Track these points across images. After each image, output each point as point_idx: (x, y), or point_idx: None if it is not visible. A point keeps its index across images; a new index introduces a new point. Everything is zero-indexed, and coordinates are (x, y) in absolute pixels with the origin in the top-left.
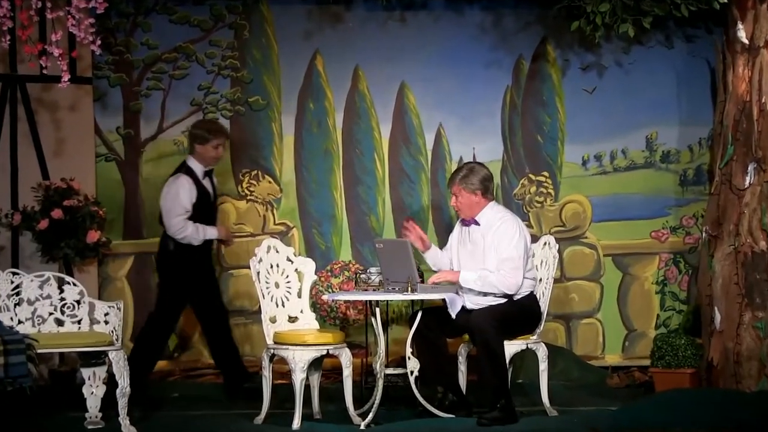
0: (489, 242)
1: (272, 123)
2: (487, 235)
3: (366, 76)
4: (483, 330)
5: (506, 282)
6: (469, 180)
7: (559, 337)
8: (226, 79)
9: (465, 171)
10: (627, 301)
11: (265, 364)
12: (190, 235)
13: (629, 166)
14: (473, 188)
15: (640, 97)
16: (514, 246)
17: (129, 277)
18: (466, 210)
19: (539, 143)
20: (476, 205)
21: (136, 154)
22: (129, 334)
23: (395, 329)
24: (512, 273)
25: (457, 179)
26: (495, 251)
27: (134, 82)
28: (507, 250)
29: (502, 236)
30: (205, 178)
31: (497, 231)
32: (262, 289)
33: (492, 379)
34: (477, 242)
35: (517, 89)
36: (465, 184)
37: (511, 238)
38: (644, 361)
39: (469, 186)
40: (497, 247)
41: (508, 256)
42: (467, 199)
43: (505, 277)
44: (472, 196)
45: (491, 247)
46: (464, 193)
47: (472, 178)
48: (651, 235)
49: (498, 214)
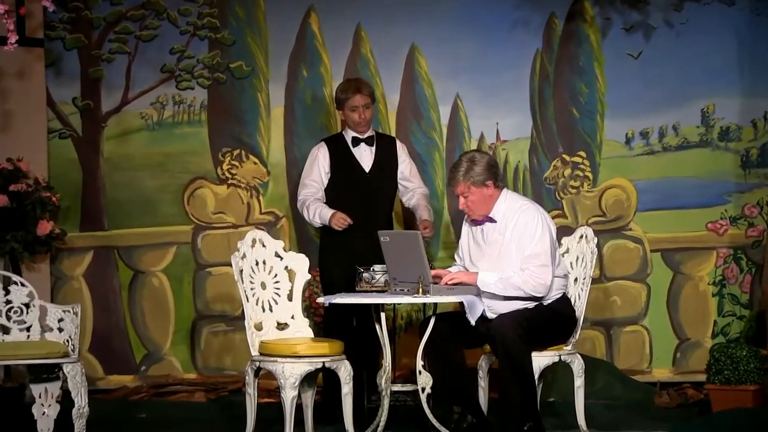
0: (509, 240)
1: (258, 93)
2: (506, 231)
3: (369, 38)
4: (507, 339)
5: (533, 283)
6: (473, 172)
7: (598, 347)
8: (204, 41)
9: (465, 164)
10: (678, 305)
11: (249, 379)
12: (307, 215)
13: (681, 144)
14: (482, 180)
15: (695, 64)
16: (539, 239)
17: (87, 275)
18: (480, 209)
19: (575, 118)
20: (490, 199)
21: (96, 129)
22: (87, 343)
23: (404, 338)
24: (540, 271)
25: (460, 176)
26: (517, 249)
27: (94, 44)
28: (531, 244)
29: (522, 230)
30: (360, 145)
31: (517, 225)
32: (245, 290)
33: (518, 397)
34: (495, 242)
35: (548, 54)
36: (471, 178)
37: (534, 230)
38: (699, 376)
39: (477, 179)
40: (519, 243)
41: (532, 252)
42: (479, 196)
43: (531, 276)
44: (483, 189)
45: (512, 245)
46: (474, 189)
47: (476, 168)
48: (707, 227)
49: (515, 204)
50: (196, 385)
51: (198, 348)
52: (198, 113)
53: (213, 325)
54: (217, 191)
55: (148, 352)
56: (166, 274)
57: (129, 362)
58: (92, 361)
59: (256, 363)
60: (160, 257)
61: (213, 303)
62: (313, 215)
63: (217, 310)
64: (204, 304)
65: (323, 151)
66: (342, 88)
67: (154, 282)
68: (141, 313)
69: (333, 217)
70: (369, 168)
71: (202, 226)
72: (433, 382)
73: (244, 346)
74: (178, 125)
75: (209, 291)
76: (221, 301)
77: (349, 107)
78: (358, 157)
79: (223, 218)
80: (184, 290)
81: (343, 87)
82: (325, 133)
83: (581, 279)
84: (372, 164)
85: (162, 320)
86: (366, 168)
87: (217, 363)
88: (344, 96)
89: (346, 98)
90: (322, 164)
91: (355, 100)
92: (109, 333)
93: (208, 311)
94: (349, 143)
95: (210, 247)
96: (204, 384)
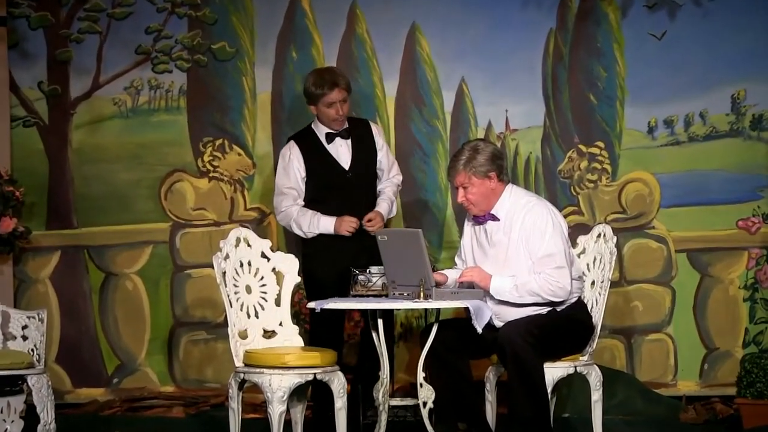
0: (516, 241)
1: (243, 77)
2: (511, 231)
3: (366, 17)
4: (517, 348)
5: (551, 287)
6: (476, 162)
7: (618, 357)
8: (183, 20)
9: (467, 153)
10: (706, 311)
11: (232, 392)
12: (297, 228)
13: (709, 134)
14: (485, 171)
15: (724, 45)
16: (550, 238)
17: (54, 278)
18: (481, 203)
19: (592, 105)
20: (492, 193)
21: (64, 117)
22: (54, 353)
23: (403, 347)
24: (557, 274)
25: (461, 165)
26: (526, 251)
27: (62, 23)
28: (542, 245)
29: (531, 229)
30: (335, 141)
31: (524, 224)
32: (228, 294)
33: (529, 412)
34: (500, 243)
35: (563, 34)
36: (473, 169)
37: (543, 229)
38: (728, 390)
39: (479, 170)
40: (528, 243)
41: (545, 252)
42: (481, 188)
43: (547, 280)
44: (486, 182)
45: (519, 246)
46: (475, 180)
47: (479, 158)
48: (738, 225)
49: (520, 201)
50: (174, 399)
51: (176, 358)
52: (176, 99)
53: (193, 332)
54: (198, 185)
55: (121, 362)
56: (141, 276)
57: (100, 374)
58: (59, 372)
59: (241, 375)
60: (135, 258)
61: (193, 308)
62: (308, 227)
63: (197, 317)
64: (183, 309)
65: (295, 152)
66: (315, 81)
67: (127, 285)
68: (113, 320)
69: (339, 225)
70: (348, 165)
71: (180, 223)
72: (436, 395)
73: (227, 356)
74: (155, 112)
75: (189, 295)
76: (202, 307)
77: (324, 103)
78: (334, 154)
79: (204, 215)
80: (160, 294)
81: (316, 81)
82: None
83: (599, 282)
84: (351, 161)
85: (136, 327)
86: (345, 165)
87: (197, 375)
88: (319, 91)
89: (321, 94)
90: (297, 167)
91: (331, 96)
92: (79, 341)
93: (187, 318)
94: (323, 140)
95: (190, 247)
96: (183, 398)
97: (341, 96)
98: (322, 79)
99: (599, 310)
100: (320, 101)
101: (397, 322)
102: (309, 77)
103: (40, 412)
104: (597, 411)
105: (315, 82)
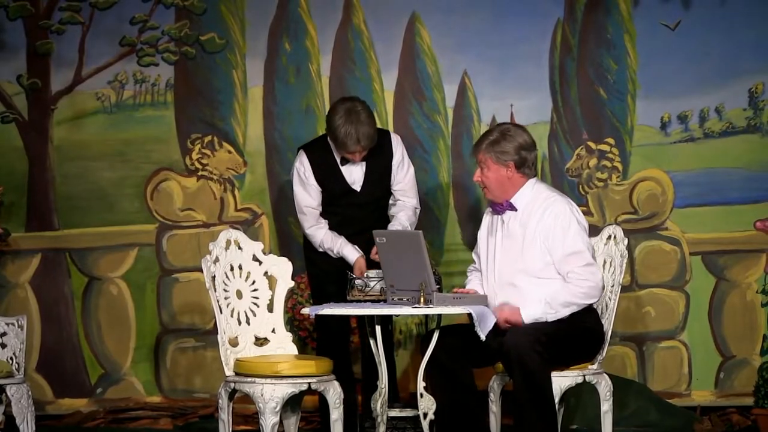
0: (531, 234)
1: (233, 70)
2: (528, 223)
3: (363, 6)
4: (524, 356)
5: (581, 290)
6: (499, 147)
7: (629, 366)
8: (170, 9)
9: (496, 134)
10: (722, 316)
11: (222, 403)
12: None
13: (726, 130)
14: (504, 159)
15: (741, 35)
16: (575, 234)
17: (34, 283)
18: (494, 189)
19: (602, 99)
20: (508, 182)
21: (44, 112)
22: (34, 361)
23: (403, 355)
24: (586, 272)
25: (484, 145)
26: (541, 248)
27: (42, 13)
28: (565, 242)
29: (551, 225)
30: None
31: (542, 219)
32: (218, 299)
33: (536, 423)
34: (514, 234)
35: (571, 24)
36: (493, 152)
37: (566, 224)
38: (746, 400)
39: (500, 156)
40: (546, 240)
41: (572, 249)
42: (496, 174)
43: (577, 284)
44: (501, 169)
45: (534, 241)
46: (491, 164)
47: (505, 144)
48: (756, 226)
49: (541, 195)
50: (161, 410)
51: (163, 367)
52: (163, 93)
53: (181, 340)
54: (186, 184)
55: (105, 371)
56: (126, 280)
57: (83, 383)
58: (40, 382)
59: (231, 384)
60: (119, 261)
61: (181, 314)
62: (337, 252)
63: (185, 323)
64: (170, 315)
65: (307, 165)
66: (341, 129)
67: (112, 290)
68: (97, 327)
69: (357, 266)
70: (360, 186)
71: (167, 225)
72: (437, 406)
73: (216, 364)
74: (140, 107)
75: (176, 300)
76: (190, 313)
77: (342, 150)
78: (346, 174)
79: (192, 216)
80: (146, 300)
81: (343, 130)
82: (312, 117)
83: (609, 286)
84: (363, 182)
85: (121, 334)
86: (356, 187)
87: (185, 384)
88: (343, 143)
89: (343, 144)
90: (313, 183)
91: (352, 149)
92: (60, 349)
93: (174, 324)
94: (337, 159)
95: (177, 250)
96: (170, 409)
97: (362, 152)
98: (349, 136)
99: (609, 316)
100: (338, 146)
101: (397, 329)
102: (334, 116)
103: (19, 423)
104: (607, 422)
105: (340, 127)
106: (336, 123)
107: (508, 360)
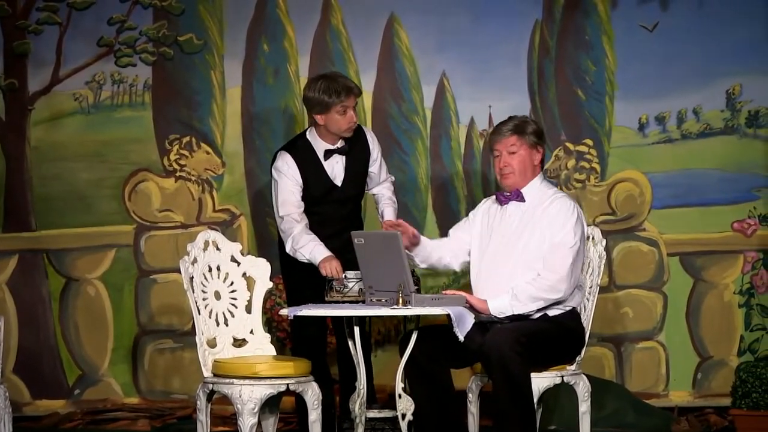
0: (534, 220)
1: (211, 71)
2: (533, 214)
3: (341, 6)
4: (503, 356)
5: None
6: (528, 130)
7: (607, 367)
8: (147, 10)
9: (517, 120)
10: (700, 317)
11: (200, 404)
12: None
13: (703, 131)
14: (534, 142)
15: (719, 37)
16: (571, 230)
17: (11, 284)
18: (518, 176)
19: (580, 100)
20: (532, 170)
21: (21, 113)
22: (11, 363)
23: (381, 356)
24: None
25: (509, 130)
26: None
27: (19, 13)
28: (563, 231)
29: (555, 215)
30: (332, 158)
31: (547, 209)
32: (196, 300)
33: (515, 424)
34: (513, 224)
35: (549, 25)
36: (525, 135)
37: (565, 219)
38: (723, 400)
39: (530, 139)
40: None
41: (560, 240)
42: (525, 159)
43: (545, 275)
44: (533, 153)
45: (536, 226)
46: (525, 147)
47: (529, 128)
48: (733, 227)
49: (548, 190)
50: (139, 411)
51: (141, 368)
52: (141, 94)
53: (159, 341)
54: (164, 185)
55: (82, 372)
56: (104, 281)
57: (60, 385)
58: (17, 383)
59: (209, 385)
60: (97, 262)
61: (159, 316)
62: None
63: (163, 324)
64: (148, 317)
65: (292, 166)
66: (326, 88)
67: (89, 291)
68: (74, 328)
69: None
70: (341, 182)
71: (145, 225)
72: (415, 407)
73: (194, 365)
74: (118, 108)
75: (154, 302)
76: (168, 314)
77: (338, 111)
78: (329, 171)
79: (170, 217)
80: (124, 301)
81: (329, 87)
82: (290, 118)
83: (587, 288)
84: (344, 177)
85: (99, 336)
86: (338, 182)
87: (163, 386)
88: (334, 99)
89: (336, 101)
90: (298, 180)
91: (348, 102)
92: (38, 351)
93: (152, 325)
94: (320, 156)
95: (155, 251)
96: (148, 410)
97: (355, 102)
98: (336, 83)
99: (588, 317)
100: (333, 109)
101: (375, 329)
102: (316, 84)
103: None
104: (585, 423)
105: (327, 88)
106: (323, 85)
107: (488, 361)
